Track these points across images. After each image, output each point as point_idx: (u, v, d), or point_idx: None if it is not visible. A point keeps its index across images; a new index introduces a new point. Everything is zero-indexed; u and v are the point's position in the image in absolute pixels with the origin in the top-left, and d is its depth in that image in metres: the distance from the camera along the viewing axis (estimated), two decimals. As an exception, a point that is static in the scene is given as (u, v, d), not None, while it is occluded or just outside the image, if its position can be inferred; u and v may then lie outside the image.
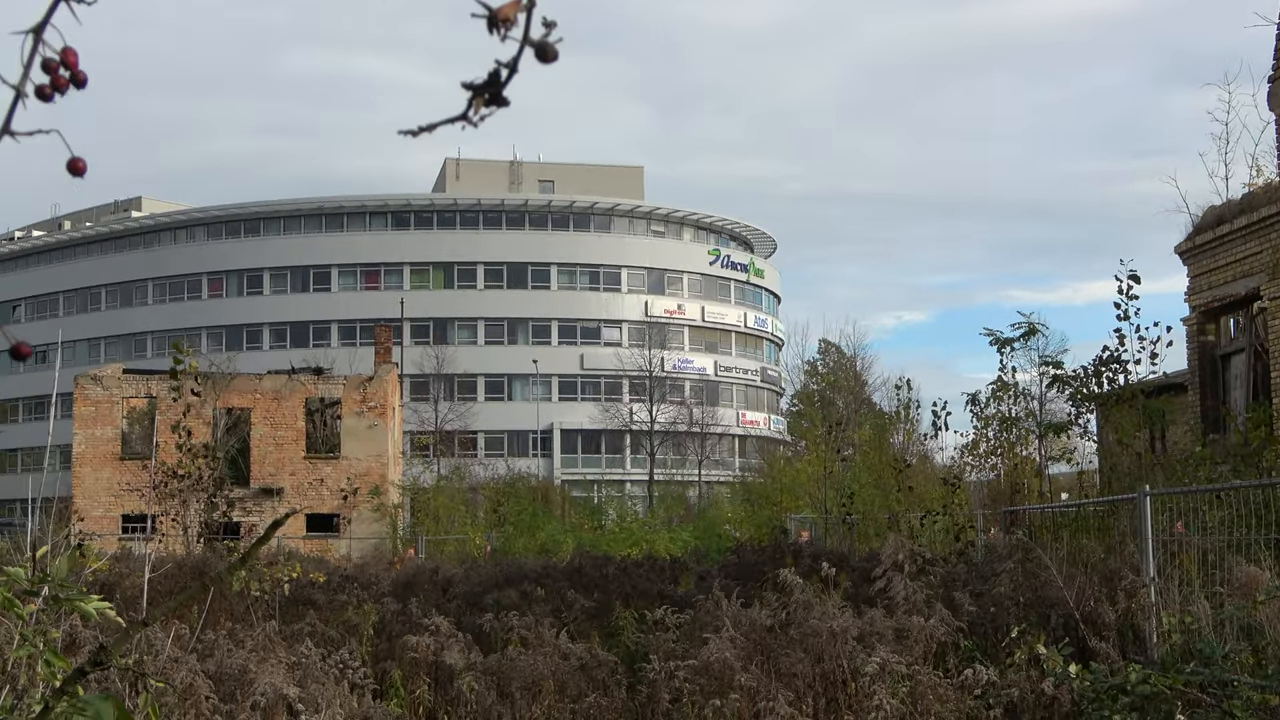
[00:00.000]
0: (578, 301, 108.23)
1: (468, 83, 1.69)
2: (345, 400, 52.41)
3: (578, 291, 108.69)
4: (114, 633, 9.57)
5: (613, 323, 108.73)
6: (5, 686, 5.06)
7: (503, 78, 1.67)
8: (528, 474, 78.53)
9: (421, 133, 1.72)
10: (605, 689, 12.18)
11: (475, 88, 1.69)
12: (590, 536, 45.86)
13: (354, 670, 11.35)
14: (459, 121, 1.72)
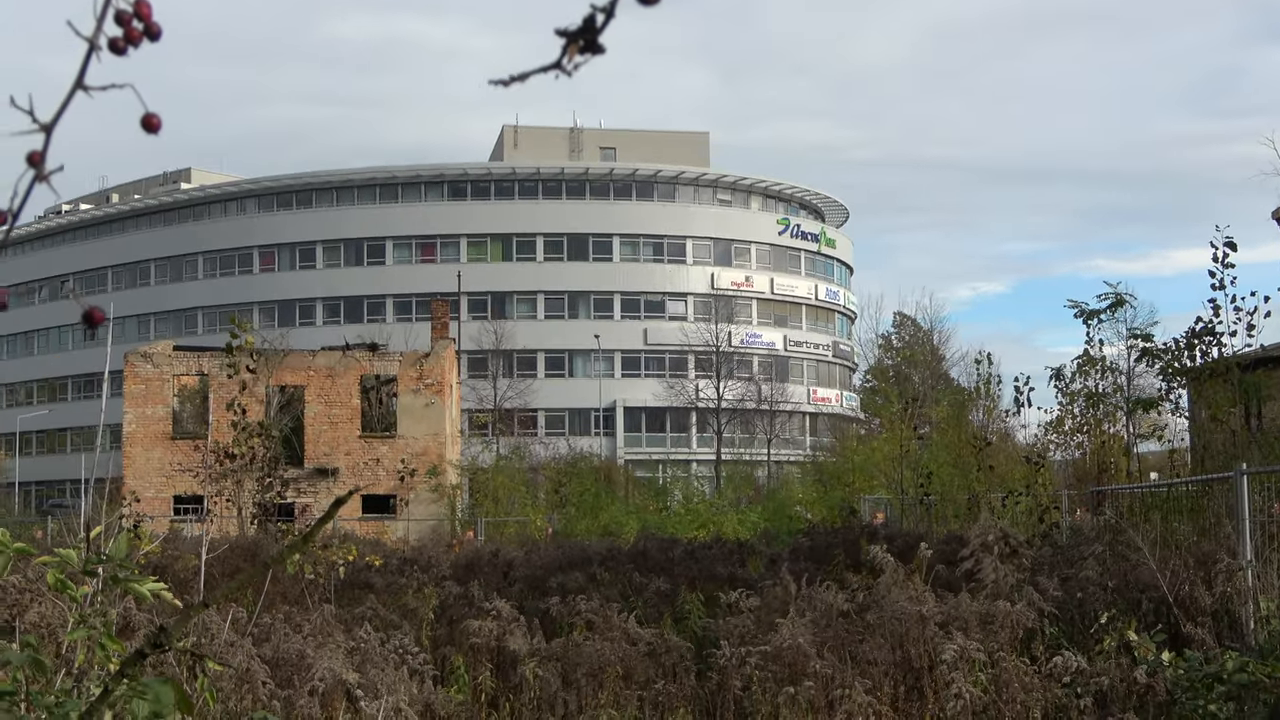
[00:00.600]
0: (641, 274, 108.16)
1: (562, 29, 1.67)
2: (401, 377, 52.72)
3: (641, 263, 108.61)
4: (167, 615, 9.68)
5: (678, 296, 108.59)
6: (61, 670, 5.12)
7: (598, 23, 1.65)
8: (590, 453, 78.67)
9: (513, 82, 1.70)
10: (673, 675, 12.20)
11: (569, 34, 1.66)
12: (655, 518, 45.95)
13: (414, 656, 11.42)
14: (552, 70, 1.69)
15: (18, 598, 8.53)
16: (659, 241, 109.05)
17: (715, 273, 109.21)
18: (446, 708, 10.92)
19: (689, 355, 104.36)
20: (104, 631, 4.33)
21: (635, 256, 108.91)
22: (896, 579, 12.78)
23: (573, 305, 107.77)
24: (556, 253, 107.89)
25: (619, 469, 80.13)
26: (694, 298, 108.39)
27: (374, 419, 54.46)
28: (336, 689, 9.66)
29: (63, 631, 8.23)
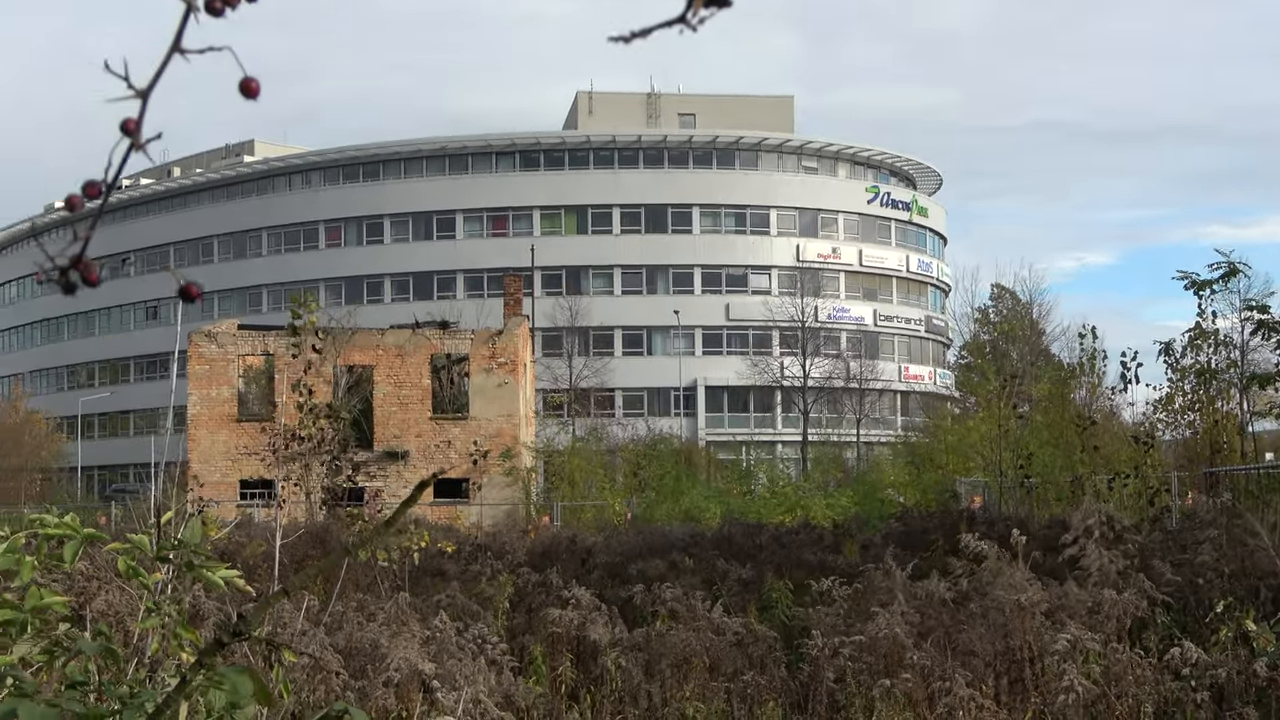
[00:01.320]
0: (723, 246, 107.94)
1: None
2: (473, 356, 52.98)
3: (723, 235, 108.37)
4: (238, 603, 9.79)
5: (761, 269, 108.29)
6: (133, 659, 5.19)
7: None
8: (670, 435, 78.68)
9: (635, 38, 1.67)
10: (762, 667, 12.19)
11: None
12: (739, 502, 45.99)
13: (492, 646, 11.49)
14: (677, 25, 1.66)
15: (85, 585, 8.66)
16: (741, 212, 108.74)
17: (801, 244, 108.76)
18: (526, 699, 10.98)
19: (773, 331, 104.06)
20: (179, 620, 4.37)
21: (716, 228, 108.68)
22: (999, 566, 12.68)
23: (651, 280, 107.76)
24: (634, 225, 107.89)
25: (700, 451, 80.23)
26: (778, 271, 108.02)
27: (445, 400, 54.79)
28: (412, 680, 9.74)
29: (131, 620, 8.35)
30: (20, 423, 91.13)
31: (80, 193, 1.82)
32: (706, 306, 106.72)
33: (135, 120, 1.76)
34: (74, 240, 1.80)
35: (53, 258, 1.77)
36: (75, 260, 1.73)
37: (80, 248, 1.76)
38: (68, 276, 1.70)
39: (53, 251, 1.79)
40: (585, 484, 53.78)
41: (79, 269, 1.72)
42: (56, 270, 1.70)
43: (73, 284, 1.72)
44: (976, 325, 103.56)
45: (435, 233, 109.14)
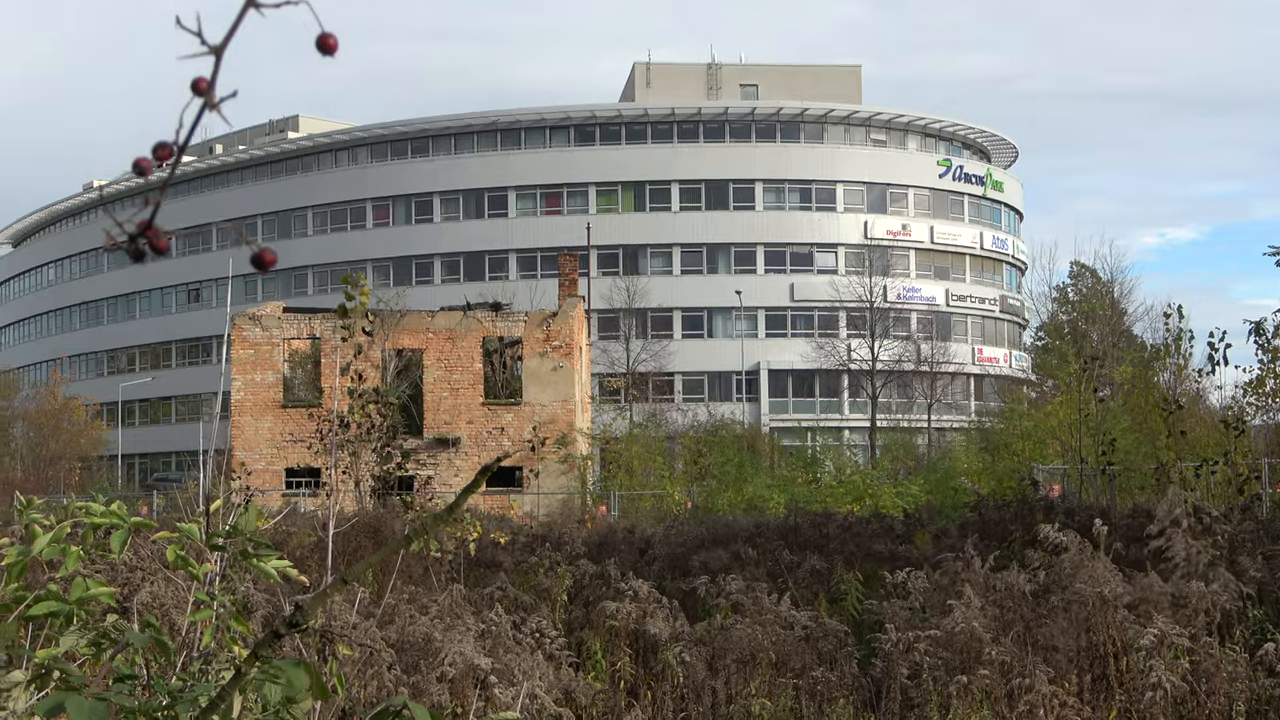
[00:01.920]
0: (787, 223, 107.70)
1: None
2: (526, 339, 53.11)
3: (786, 212, 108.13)
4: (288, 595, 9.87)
5: (827, 247, 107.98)
6: (182, 652, 5.23)
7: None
8: (731, 420, 78.77)
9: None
10: (832, 662, 12.17)
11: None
12: (804, 491, 45.93)
13: (550, 640, 11.53)
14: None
15: (129, 576, 8.74)
16: (806, 187, 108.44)
17: (869, 221, 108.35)
18: (586, 696, 11.01)
19: (840, 312, 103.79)
20: (233, 611, 4.41)
21: (780, 204, 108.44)
22: (1080, 558, 12.59)
23: (711, 259, 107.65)
24: (693, 201, 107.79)
25: (763, 437, 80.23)
26: (845, 249, 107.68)
27: (498, 385, 54.99)
28: (468, 675, 9.78)
29: (177, 612, 8.43)
30: (59, 409, 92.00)
31: (150, 155, 1.82)
32: (770, 286, 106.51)
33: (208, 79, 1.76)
34: (143, 206, 1.80)
35: (121, 224, 1.77)
36: (144, 227, 1.73)
37: (150, 213, 1.76)
38: (136, 244, 1.70)
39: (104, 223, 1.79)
40: (643, 472, 53.87)
41: (148, 236, 1.72)
42: (125, 238, 1.70)
43: (141, 252, 1.72)
44: (1054, 305, 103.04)
45: (487, 211, 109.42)
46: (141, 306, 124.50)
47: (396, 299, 57.96)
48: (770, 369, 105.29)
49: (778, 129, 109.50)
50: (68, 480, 69.40)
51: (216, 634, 4.98)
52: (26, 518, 5.65)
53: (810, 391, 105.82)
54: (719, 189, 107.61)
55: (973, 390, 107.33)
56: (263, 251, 1.93)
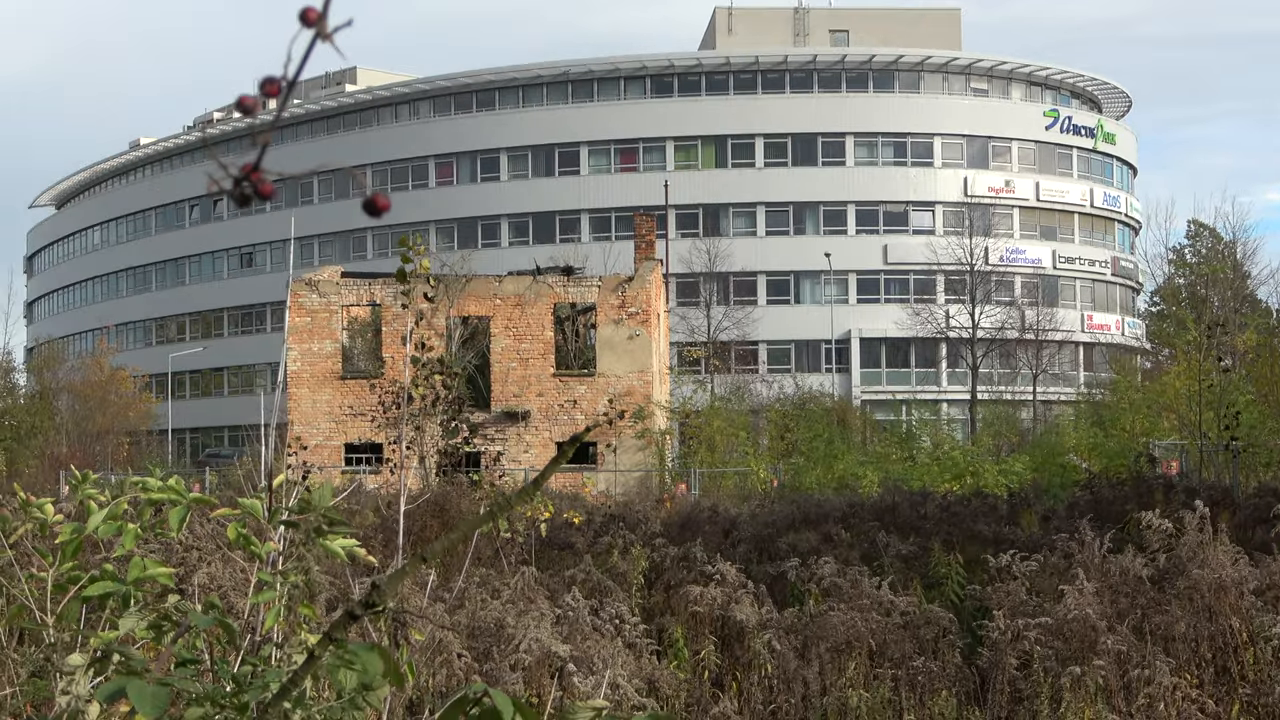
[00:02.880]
0: (880, 179, 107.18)
1: None
2: (600, 305, 53.17)
3: (880, 167, 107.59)
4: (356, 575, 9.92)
5: (924, 205, 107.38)
6: (246, 635, 5.28)
7: None
8: (820, 393, 78.69)
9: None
10: (935, 651, 12.13)
11: None
12: (899, 468, 45.89)
13: (631, 626, 11.56)
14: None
15: (185, 556, 8.84)
16: (901, 141, 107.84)
17: (969, 176, 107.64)
18: (671, 686, 11.04)
19: (937, 276, 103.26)
20: (306, 593, 4.44)
21: (873, 159, 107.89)
22: (1201, 540, 12.48)
23: (799, 218, 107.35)
24: (779, 157, 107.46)
25: (854, 411, 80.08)
26: (944, 207, 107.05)
27: (570, 354, 55.12)
28: (544, 663, 9.82)
29: (236, 594, 8.52)
30: (105, 380, 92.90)
31: (258, 91, 1.82)
32: (862, 248, 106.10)
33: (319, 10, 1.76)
34: (251, 147, 1.80)
35: (225, 166, 1.78)
36: (249, 170, 1.73)
37: (257, 156, 1.76)
38: (241, 188, 1.70)
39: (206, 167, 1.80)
40: (726, 448, 53.93)
41: (252, 180, 1.72)
42: (230, 181, 1.70)
43: (246, 196, 1.72)
44: (1171, 267, 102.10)
45: (557, 168, 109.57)
46: (192, 272, 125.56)
47: (461, 263, 58.05)
48: (862, 337, 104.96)
49: (870, 78, 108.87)
50: (115, 456, 70.11)
51: (286, 617, 5.02)
52: (81, 493, 5.73)
53: (905, 362, 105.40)
54: (807, 143, 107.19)
55: (1081, 360, 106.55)
56: (375, 196, 1.93)
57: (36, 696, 6.89)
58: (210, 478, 47.63)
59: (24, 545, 6.22)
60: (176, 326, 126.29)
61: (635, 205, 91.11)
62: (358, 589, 8.77)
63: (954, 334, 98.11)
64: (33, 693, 6.93)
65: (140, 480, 5.60)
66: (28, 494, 5.98)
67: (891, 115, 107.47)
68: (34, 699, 6.92)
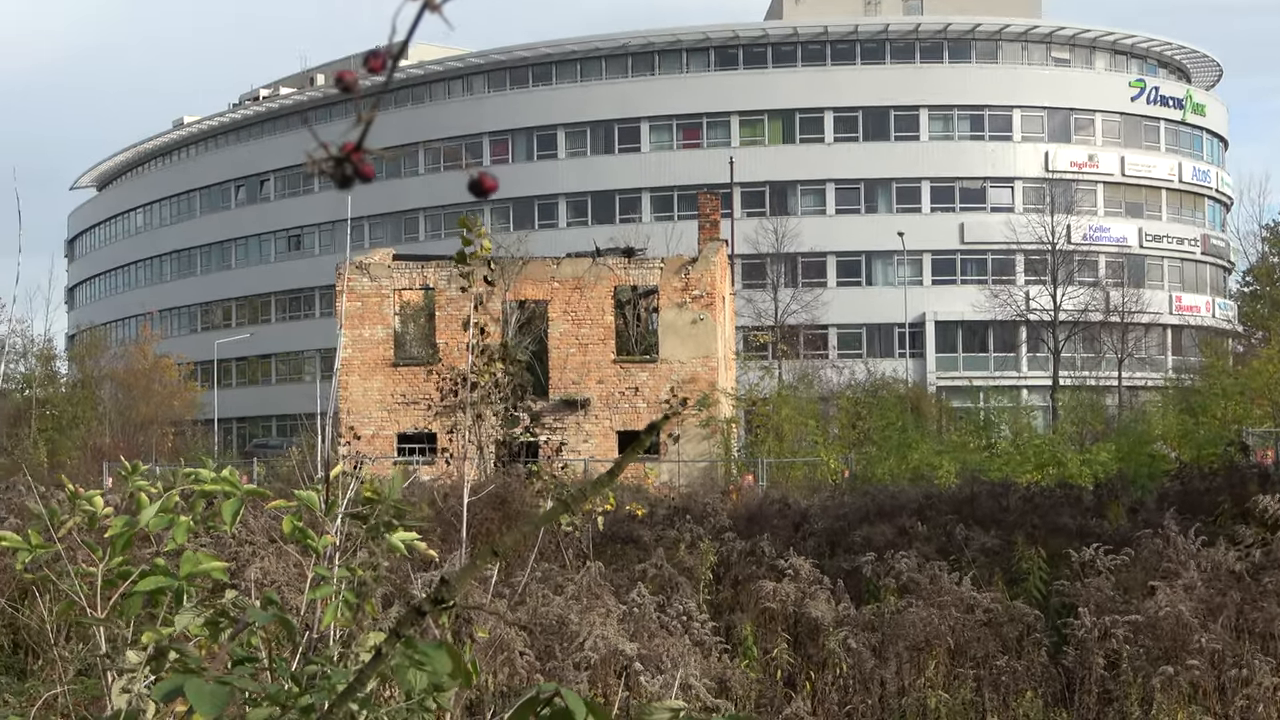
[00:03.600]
0: (956, 155, 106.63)
1: None
2: (663, 288, 53.14)
3: (956, 142, 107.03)
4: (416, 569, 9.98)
5: (1003, 181, 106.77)
6: (304, 632, 5.31)
7: None
8: (893, 379, 78.51)
9: None
10: (1019, 650, 12.08)
11: None
12: (977, 458, 45.72)
13: (700, 623, 11.56)
14: None
15: (236, 550, 8.89)
16: (978, 114, 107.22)
17: (1050, 151, 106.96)
18: (743, 686, 11.04)
19: (1017, 255, 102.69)
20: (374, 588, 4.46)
21: (948, 133, 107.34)
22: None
23: (870, 196, 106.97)
24: (849, 131, 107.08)
25: (929, 398, 79.85)
26: (1023, 183, 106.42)
27: (631, 340, 55.12)
28: (610, 661, 9.84)
29: (289, 590, 8.56)
30: (149, 368, 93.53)
31: (363, 65, 1.82)
32: (937, 227, 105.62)
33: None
34: (354, 124, 1.80)
35: (326, 145, 1.78)
36: (351, 149, 1.73)
37: (360, 134, 1.76)
38: (342, 168, 1.71)
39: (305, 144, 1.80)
40: (794, 437, 53.84)
41: (353, 160, 1.73)
42: (330, 161, 1.70)
43: (348, 176, 1.73)
44: (1265, 245, 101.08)
45: (617, 145, 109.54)
46: (238, 255, 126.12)
47: (517, 244, 58.16)
48: (937, 320, 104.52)
49: (945, 48, 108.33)
50: (159, 447, 70.63)
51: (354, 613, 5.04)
52: (131, 485, 5.77)
53: (983, 346, 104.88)
54: (879, 117, 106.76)
55: (1169, 343, 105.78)
56: (482, 176, 1.93)
57: (85, 695, 6.96)
58: (258, 469, 47.94)
59: (72, 539, 6.26)
60: (222, 312, 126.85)
61: (699, 183, 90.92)
62: (419, 584, 8.82)
63: (1034, 317, 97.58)
64: (81, 691, 7.01)
65: (192, 471, 5.63)
66: (76, 486, 6.03)
67: (968, 87, 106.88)
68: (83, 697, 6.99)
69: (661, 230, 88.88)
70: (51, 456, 59.89)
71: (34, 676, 10.40)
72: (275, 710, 3.67)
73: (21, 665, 12.14)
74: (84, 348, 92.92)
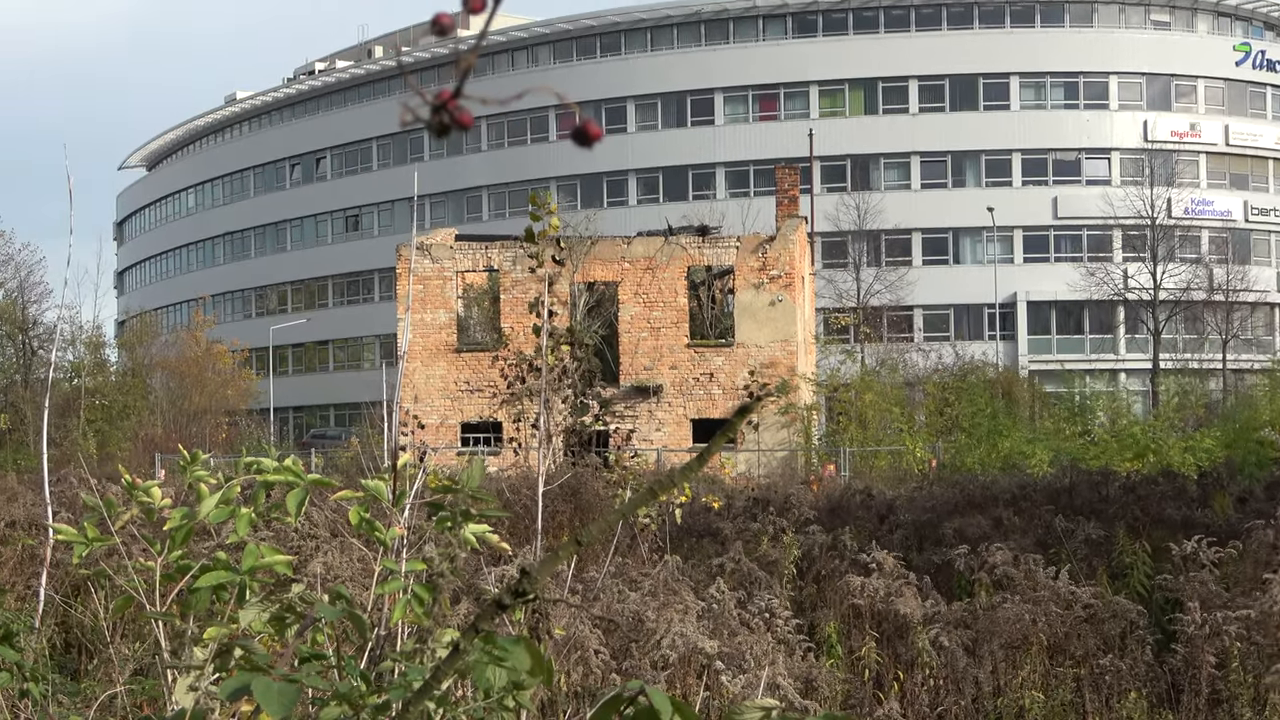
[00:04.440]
0: (1049, 125, 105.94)
1: None
2: (739, 269, 53.11)
3: (1049, 111, 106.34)
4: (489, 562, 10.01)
5: (1099, 152, 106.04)
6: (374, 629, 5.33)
7: None
8: (983, 362, 78.18)
9: None
10: (1122, 648, 12.01)
11: None
12: (1073, 446, 45.59)
13: (783, 620, 11.55)
14: None
15: (299, 544, 8.93)
16: (1073, 81, 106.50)
17: (1149, 120, 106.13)
18: (831, 686, 11.03)
19: (1114, 231, 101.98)
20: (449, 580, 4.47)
21: (1041, 102, 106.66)
22: None
23: (958, 169, 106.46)
24: (936, 100, 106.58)
25: (1021, 382, 79.54)
26: (1121, 154, 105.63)
27: (705, 323, 55.11)
28: (688, 660, 9.84)
29: (353, 585, 8.60)
30: (202, 356, 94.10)
31: (461, 7, 1.82)
32: (1029, 201, 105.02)
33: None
34: (454, 74, 1.80)
35: (423, 92, 1.77)
36: (448, 98, 1.72)
37: (458, 82, 1.76)
38: (440, 117, 1.70)
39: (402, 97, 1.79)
40: (878, 425, 53.79)
41: (449, 109, 1.72)
42: (428, 109, 1.70)
43: (445, 125, 1.72)
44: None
45: (690, 117, 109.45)
46: (293, 236, 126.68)
47: (586, 223, 58.24)
48: (1029, 301, 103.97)
49: (1037, 11, 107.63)
50: (213, 438, 71.06)
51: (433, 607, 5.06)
52: (190, 475, 5.80)
53: (1078, 327, 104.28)
54: (966, 85, 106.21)
55: (1277, 323, 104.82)
56: (586, 123, 1.93)
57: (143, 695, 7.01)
58: (315, 460, 48.20)
59: (127, 532, 6.30)
60: (277, 297, 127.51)
61: (776, 157, 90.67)
62: (491, 578, 8.84)
63: (1133, 296, 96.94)
64: (140, 692, 7.06)
65: (254, 461, 5.66)
66: (134, 477, 6.06)
67: (1061, 53, 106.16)
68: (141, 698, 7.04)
69: (737, 207, 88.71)
70: (101, 448, 60.35)
71: (89, 676, 10.50)
72: (346, 710, 3.69)
73: (75, 664, 12.26)
74: (134, 334, 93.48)
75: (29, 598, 12.52)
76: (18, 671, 6.04)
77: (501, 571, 9.35)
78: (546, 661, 5.00)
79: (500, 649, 3.10)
